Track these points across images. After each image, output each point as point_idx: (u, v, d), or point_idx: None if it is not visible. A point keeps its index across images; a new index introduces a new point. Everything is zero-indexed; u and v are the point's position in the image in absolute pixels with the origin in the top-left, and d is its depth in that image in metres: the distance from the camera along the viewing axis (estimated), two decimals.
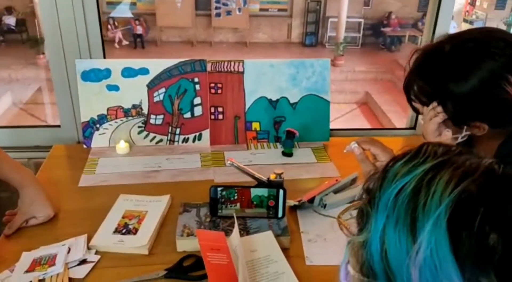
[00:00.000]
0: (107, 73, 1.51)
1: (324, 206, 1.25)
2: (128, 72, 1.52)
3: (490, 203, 0.43)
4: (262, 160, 1.50)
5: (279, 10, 11.53)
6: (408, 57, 1.02)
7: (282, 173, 1.15)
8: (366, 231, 0.49)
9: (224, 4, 10.85)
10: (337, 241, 1.13)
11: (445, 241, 0.42)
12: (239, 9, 10.85)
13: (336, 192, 1.29)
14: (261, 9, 11.45)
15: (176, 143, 1.58)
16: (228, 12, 10.85)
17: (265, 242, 1.06)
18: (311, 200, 1.24)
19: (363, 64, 10.42)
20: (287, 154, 1.52)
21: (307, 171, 1.45)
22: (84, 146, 1.56)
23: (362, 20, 11.22)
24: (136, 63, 1.53)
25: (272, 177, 1.17)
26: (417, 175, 0.47)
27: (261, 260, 1.02)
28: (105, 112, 1.54)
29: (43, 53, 8.65)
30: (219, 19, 10.83)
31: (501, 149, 0.97)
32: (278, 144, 1.60)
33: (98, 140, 1.55)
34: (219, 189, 1.15)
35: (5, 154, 1.20)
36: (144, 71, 1.53)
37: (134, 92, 1.54)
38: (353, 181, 1.35)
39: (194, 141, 1.58)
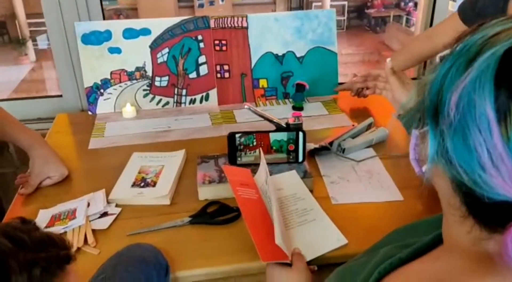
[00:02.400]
0: (107, 35, 1.47)
1: (343, 150, 1.22)
2: (130, 34, 1.48)
3: None
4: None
5: None
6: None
7: (300, 116, 1.13)
8: (435, 72, 0.49)
9: None
10: (359, 182, 1.12)
11: (491, 70, 0.43)
12: None
13: (353, 137, 1.27)
14: None
15: (183, 105, 1.54)
16: (211, 2, 10.75)
17: (290, 181, 1.03)
18: (330, 144, 1.21)
19: (349, 47, 10.41)
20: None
21: (319, 123, 1.42)
22: (89, 113, 1.52)
23: (345, 2, 11.20)
24: (137, 23, 1.49)
25: (290, 120, 1.14)
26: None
27: (288, 198, 0.99)
28: (109, 77, 1.50)
29: (26, 54, 8.52)
30: (202, 10, 10.72)
31: None
32: (287, 100, 1.57)
33: (103, 106, 1.51)
34: (237, 135, 1.12)
35: (11, 116, 1.16)
36: (145, 31, 1.48)
37: (137, 54, 1.49)
38: (369, 126, 1.33)
39: (201, 101, 1.55)
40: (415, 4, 9.65)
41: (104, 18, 1.52)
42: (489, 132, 0.42)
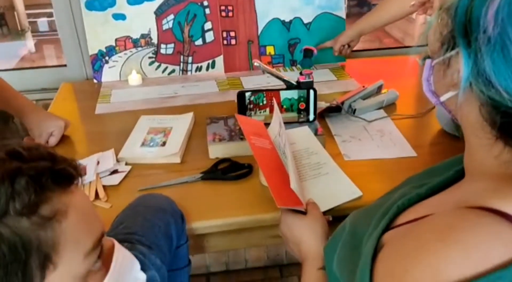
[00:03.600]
0: (111, 1, 1.44)
1: (354, 111, 1.21)
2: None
3: None
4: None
5: None
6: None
7: (311, 74, 1.11)
8: None
9: None
10: (372, 140, 1.11)
11: None
12: None
13: (364, 98, 1.25)
14: None
15: (189, 73, 1.52)
16: None
17: (302, 136, 1.01)
18: (340, 106, 1.20)
19: None
20: (302, 75, 1.47)
21: (328, 87, 1.40)
22: (95, 81, 1.50)
23: None
24: None
25: (301, 78, 1.12)
26: None
27: (301, 152, 0.98)
28: (114, 44, 1.47)
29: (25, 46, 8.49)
30: None
31: None
32: (294, 67, 1.55)
33: (108, 73, 1.49)
34: (247, 94, 1.10)
35: (6, 82, 1.15)
36: None
37: (142, 20, 1.47)
38: (379, 88, 1.31)
39: (207, 69, 1.53)
40: None
41: None
42: None
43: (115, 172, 1.00)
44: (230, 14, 1.49)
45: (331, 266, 0.63)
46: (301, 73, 1.11)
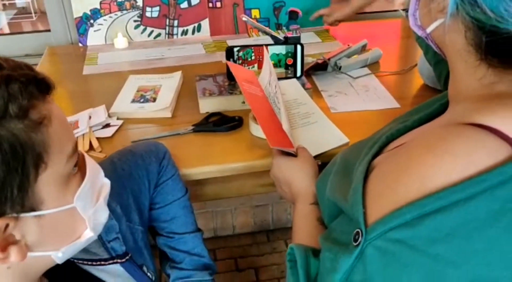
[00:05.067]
0: None
1: (339, 68, 1.24)
2: None
3: None
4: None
5: None
6: None
7: (298, 29, 1.13)
8: None
9: None
10: (357, 95, 1.14)
11: None
12: None
13: (348, 56, 1.28)
14: None
15: (175, 36, 1.53)
16: None
17: (291, 88, 1.04)
18: (327, 63, 1.22)
19: None
20: (290, 31, 1.49)
21: (313, 48, 1.42)
22: (80, 44, 1.49)
23: None
24: None
25: (288, 34, 1.14)
26: None
27: (291, 102, 1.01)
28: (98, 7, 1.47)
29: None
30: None
31: None
32: (279, 31, 1.56)
33: (94, 37, 1.49)
34: (235, 49, 1.12)
35: None
36: None
37: None
38: (363, 47, 1.34)
39: (193, 32, 1.53)
40: None
41: None
42: None
43: (107, 125, 1.02)
44: None
45: (324, 196, 0.67)
46: (288, 29, 1.13)
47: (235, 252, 1.96)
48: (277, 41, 1.13)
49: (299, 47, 1.12)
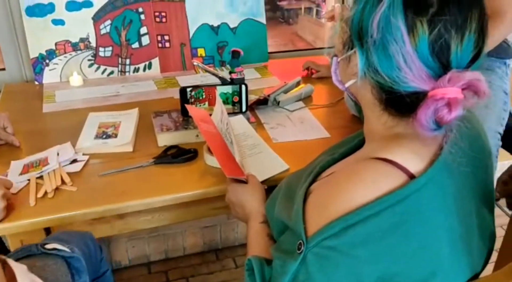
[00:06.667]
0: (51, 7, 1.54)
1: (278, 102, 1.42)
2: (72, 6, 1.56)
3: None
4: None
5: None
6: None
7: (242, 71, 1.30)
8: (354, 9, 0.68)
9: None
10: (294, 126, 1.33)
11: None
12: None
13: (285, 92, 1.47)
14: None
15: (127, 73, 1.66)
16: None
17: (238, 123, 1.21)
18: (267, 98, 1.41)
19: None
20: (235, 72, 1.67)
21: (254, 84, 1.61)
22: (36, 82, 1.58)
23: None
24: None
25: (234, 76, 1.31)
26: None
27: (240, 136, 1.17)
28: (53, 47, 1.57)
29: None
30: None
31: None
32: (223, 67, 1.74)
33: (49, 75, 1.58)
34: (188, 89, 1.27)
35: None
36: (87, 4, 1.57)
37: (80, 25, 1.58)
38: (298, 83, 1.54)
39: (144, 69, 1.67)
40: None
41: None
42: (402, 42, 0.62)
43: (74, 161, 1.13)
44: (164, 19, 1.65)
45: (273, 216, 0.83)
46: (233, 72, 1.31)
47: (186, 272, 2.07)
48: (224, 82, 1.30)
49: (243, 86, 1.29)
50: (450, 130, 0.65)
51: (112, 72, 1.64)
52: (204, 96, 1.29)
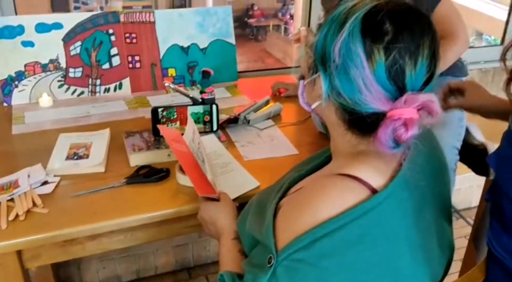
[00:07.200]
0: (20, 29, 1.54)
1: (248, 121, 1.46)
2: (42, 28, 1.56)
3: (390, 8, 0.68)
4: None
5: (144, 7, 11.38)
6: None
7: (212, 91, 1.34)
8: (317, 35, 0.72)
9: (83, 3, 10.41)
10: (264, 144, 1.37)
11: (358, 27, 0.67)
12: (101, 8, 10.52)
13: (255, 111, 1.51)
14: (124, 7, 11.19)
15: (98, 94, 1.66)
16: (89, 11, 10.44)
17: (209, 142, 1.24)
18: (238, 116, 1.45)
19: None
20: (205, 93, 1.70)
21: (225, 103, 1.64)
22: (5, 104, 1.57)
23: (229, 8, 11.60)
24: (49, 18, 1.58)
25: (204, 96, 1.34)
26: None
27: (211, 155, 1.20)
28: (23, 69, 1.56)
29: None
30: None
31: None
32: (194, 87, 1.77)
33: (18, 97, 1.57)
34: (159, 109, 1.29)
35: None
36: (57, 26, 1.58)
37: (50, 47, 1.58)
38: (267, 102, 1.58)
39: (115, 90, 1.68)
40: (291, 16, 10.46)
41: (16, 12, 1.58)
42: (362, 67, 0.67)
43: (45, 183, 1.13)
44: (134, 40, 1.68)
45: (244, 231, 0.86)
46: (203, 92, 1.34)
47: None
48: (195, 102, 1.33)
49: (214, 106, 1.32)
50: (408, 148, 0.70)
51: (82, 93, 1.65)
52: (175, 116, 1.31)
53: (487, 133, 1.48)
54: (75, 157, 1.23)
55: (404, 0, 0.72)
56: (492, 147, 1.34)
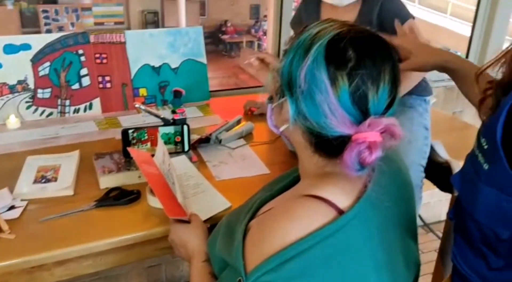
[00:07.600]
0: None
1: (220, 141, 1.47)
2: (10, 49, 1.55)
3: (353, 36, 0.71)
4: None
5: (116, 23, 11.32)
6: None
7: (184, 112, 1.34)
8: (283, 61, 0.74)
9: (54, 20, 10.27)
10: (236, 163, 1.38)
11: (322, 54, 0.70)
12: (72, 24, 10.40)
13: (227, 130, 1.52)
14: (96, 23, 11.10)
15: (67, 114, 1.65)
16: (60, 28, 10.30)
17: (180, 163, 1.24)
18: (209, 135, 1.45)
19: (208, 71, 10.87)
20: (176, 113, 1.70)
21: (197, 122, 1.65)
22: None
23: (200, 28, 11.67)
24: (17, 39, 1.56)
25: (176, 116, 1.35)
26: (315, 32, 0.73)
27: (181, 176, 1.20)
28: None
29: None
30: None
31: None
32: (166, 106, 1.77)
33: None
34: (130, 131, 1.29)
35: None
36: (26, 46, 1.57)
37: (18, 68, 1.56)
38: (238, 122, 1.60)
39: (85, 110, 1.67)
40: (264, 32, 10.59)
41: None
42: (326, 93, 0.70)
43: (12, 207, 1.10)
44: (105, 61, 1.67)
45: (215, 252, 0.86)
46: (175, 112, 1.34)
47: None
48: (166, 123, 1.33)
49: (185, 127, 1.33)
50: (372, 170, 0.72)
51: (51, 114, 1.63)
52: (146, 137, 1.31)
53: (451, 151, 1.53)
54: (43, 180, 1.21)
55: (366, 27, 0.75)
56: (456, 164, 1.38)
